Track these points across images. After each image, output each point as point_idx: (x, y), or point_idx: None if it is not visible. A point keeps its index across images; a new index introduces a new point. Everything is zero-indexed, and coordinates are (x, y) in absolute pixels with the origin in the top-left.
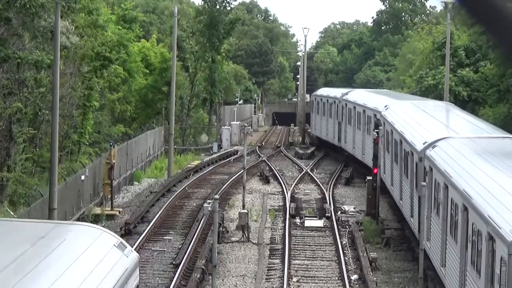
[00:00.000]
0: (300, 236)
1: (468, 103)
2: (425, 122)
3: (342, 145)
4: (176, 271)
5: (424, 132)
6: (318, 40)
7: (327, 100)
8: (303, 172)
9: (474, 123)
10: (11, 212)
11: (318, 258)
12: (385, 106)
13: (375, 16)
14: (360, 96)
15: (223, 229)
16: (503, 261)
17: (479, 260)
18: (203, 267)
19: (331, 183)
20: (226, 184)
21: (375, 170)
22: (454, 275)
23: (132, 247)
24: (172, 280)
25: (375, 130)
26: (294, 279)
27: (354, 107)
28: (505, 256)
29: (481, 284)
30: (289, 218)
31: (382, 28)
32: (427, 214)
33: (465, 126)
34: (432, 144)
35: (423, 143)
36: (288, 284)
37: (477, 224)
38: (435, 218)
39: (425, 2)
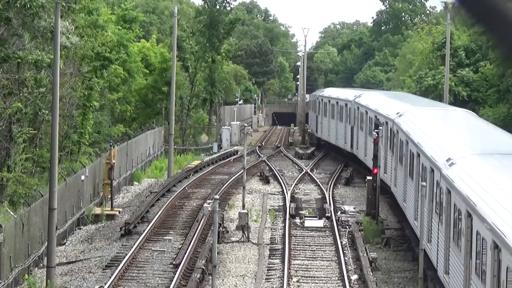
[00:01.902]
0: (300, 236)
1: (468, 103)
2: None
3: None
4: (176, 271)
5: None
6: (318, 40)
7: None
8: (303, 172)
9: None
10: (11, 212)
11: (318, 258)
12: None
13: (375, 16)
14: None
15: (223, 229)
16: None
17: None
18: (203, 267)
19: (331, 183)
20: (226, 184)
21: (375, 170)
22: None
23: (132, 247)
24: (172, 280)
25: (375, 130)
26: (294, 279)
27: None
28: None
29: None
30: (289, 218)
31: (382, 28)
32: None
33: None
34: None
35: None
36: (288, 284)
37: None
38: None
39: (425, 2)
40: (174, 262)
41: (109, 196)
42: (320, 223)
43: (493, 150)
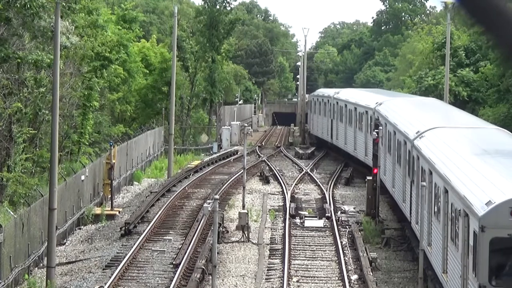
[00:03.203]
0: (300, 236)
1: (468, 103)
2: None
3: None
4: (176, 271)
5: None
6: (318, 40)
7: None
8: (303, 172)
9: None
10: (11, 212)
11: (318, 258)
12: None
13: (375, 16)
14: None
15: (223, 229)
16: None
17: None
18: (203, 267)
19: (331, 183)
20: (226, 184)
21: (375, 170)
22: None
23: (132, 247)
24: (172, 280)
25: (375, 130)
26: (294, 279)
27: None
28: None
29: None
30: (289, 218)
31: (382, 28)
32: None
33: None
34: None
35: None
36: (288, 284)
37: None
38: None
39: (425, 2)
40: (174, 262)
41: (109, 196)
42: (320, 223)
43: (452, 124)
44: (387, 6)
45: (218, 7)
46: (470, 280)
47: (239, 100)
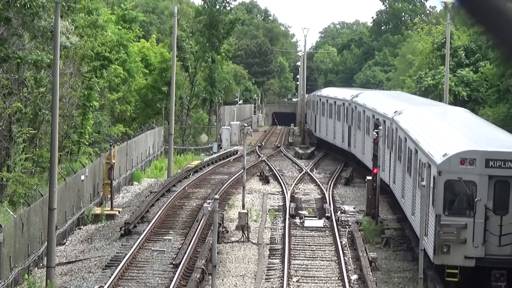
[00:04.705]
0: (300, 236)
1: (468, 103)
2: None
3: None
4: (176, 271)
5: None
6: (318, 40)
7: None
8: (303, 172)
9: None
10: (11, 212)
11: (318, 258)
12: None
13: (375, 16)
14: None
15: (223, 229)
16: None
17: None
18: (203, 267)
19: (331, 183)
20: (226, 184)
21: (375, 170)
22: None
23: (132, 247)
24: (172, 280)
25: (375, 130)
26: (294, 279)
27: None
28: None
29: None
30: (289, 218)
31: (382, 28)
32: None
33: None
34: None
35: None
36: (288, 284)
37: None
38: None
39: (425, 2)
40: (174, 262)
41: (109, 196)
42: (320, 223)
43: (421, 104)
44: (387, 6)
45: (218, 7)
46: (430, 212)
47: (239, 100)
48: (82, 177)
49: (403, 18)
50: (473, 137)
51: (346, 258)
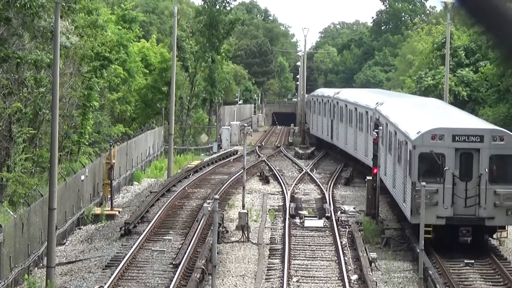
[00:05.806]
0: (300, 236)
1: (468, 103)
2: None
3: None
4: (176, 271)
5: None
6: (318, 40)
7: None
8: (303, 172)
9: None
10: (11, 212)
11: (318, 258)
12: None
13: (375, 16)
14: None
15: (223, 229)
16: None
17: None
18: (203, 267)
19: (331, 183)
20: (226, 184)
21: (375, 170)
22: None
23: (132, 247)
24: (172, 280)
25: (375, 130)
26: (294, 279)
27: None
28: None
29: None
30: (289, 218)
31: (382, 28)
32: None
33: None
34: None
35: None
36: (288, 284)
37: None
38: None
39: (425, 2)
40: (174, 262)
41: (109, 196)
42: (320, 223)
43: (399, 96)
44: (387, 6)
45: (218, 7)
46: (407, 180)
47: (239, 100)
48: (82, 177)
49: (403, 18)
50: (442, 118)
51: (346, 258)
